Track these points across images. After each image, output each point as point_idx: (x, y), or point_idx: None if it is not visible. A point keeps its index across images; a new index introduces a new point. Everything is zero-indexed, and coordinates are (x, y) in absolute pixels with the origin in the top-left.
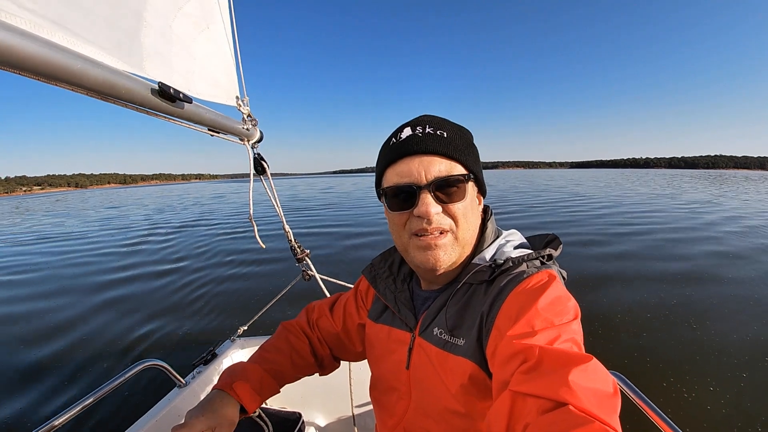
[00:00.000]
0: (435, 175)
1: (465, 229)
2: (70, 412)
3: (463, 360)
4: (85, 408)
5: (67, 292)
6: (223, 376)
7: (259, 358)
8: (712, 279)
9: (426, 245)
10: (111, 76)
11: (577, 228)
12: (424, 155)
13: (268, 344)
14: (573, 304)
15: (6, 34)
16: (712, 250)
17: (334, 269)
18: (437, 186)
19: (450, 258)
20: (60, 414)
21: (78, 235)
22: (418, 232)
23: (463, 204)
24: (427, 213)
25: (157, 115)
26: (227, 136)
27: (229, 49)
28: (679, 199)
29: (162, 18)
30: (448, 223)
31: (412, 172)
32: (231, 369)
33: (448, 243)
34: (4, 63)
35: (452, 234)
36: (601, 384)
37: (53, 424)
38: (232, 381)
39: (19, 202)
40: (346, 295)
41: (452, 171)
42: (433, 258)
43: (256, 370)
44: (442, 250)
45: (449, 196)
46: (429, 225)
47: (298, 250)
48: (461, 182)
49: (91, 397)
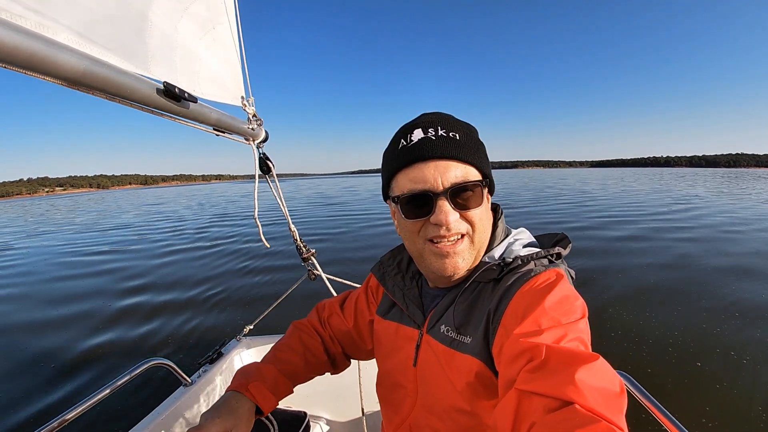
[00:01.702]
0: (452, 182)
1: (481, 233)
2: (77, 408)
3: (470, 358)
4: (92, 405)
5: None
6: (236, 377)
7: (272, 358)
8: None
9: (444, 253)
10: (116, 75)
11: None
12: (439, 160)
13: (281, 344)
14: (580, 303)
15: (11, 33)
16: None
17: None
18: (454, 192)
19: (467, 263)
20: (68, 411)
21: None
22: (434, 239)
23: (480, 209)
24: (446, 222)
25: (162, 115)
26: (232, 136)
27: (235, 49)
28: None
29: (167, 19)
30: (465, 228)
31: (427, 179)
32: (245, 370)
33: (465, 249)
34: (10, 62)
35: (468, 238)
36: (608, 383)
37: (64, 419)
38: (247, 382)
39: (52, 203)
40: (356, 292)
41: (468, 176)
42: (452, 266)
43: (271, 371)
44: (460, 257)
45: (466, 201)
46: (447, 232)
47: (303, 250)
48: (477, 187)
49: (98, 395)
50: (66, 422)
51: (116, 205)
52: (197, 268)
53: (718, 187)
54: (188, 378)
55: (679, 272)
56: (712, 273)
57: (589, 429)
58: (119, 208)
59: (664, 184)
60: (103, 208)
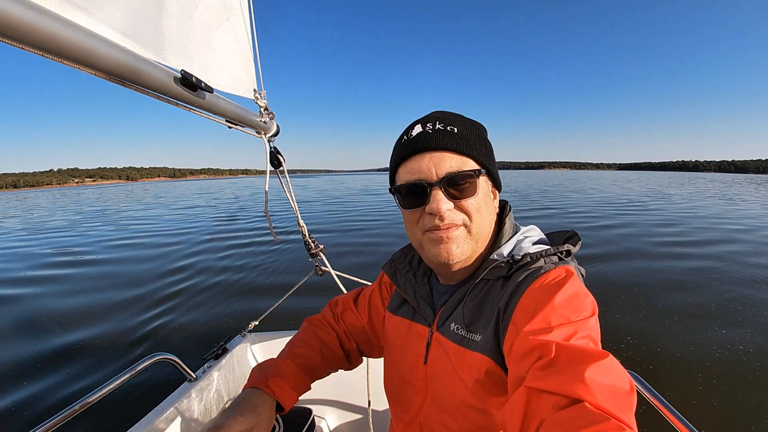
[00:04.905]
0: (446, 171)
1: (479, 224)
2: (82, 402)
3: (480, 356)
4: (96, 400)
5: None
6: (253, 373)
7: (289, 353)
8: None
9: (438, 238)
10: (135, 62)
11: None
12: (434, 152)
13: (296, 339)
14: (590, 301)
15: (34, 13)
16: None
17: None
18: (448, 182)
19: (463, 251)
20: (73, 404)
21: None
22: (430, 229)
23: (476, 199)
24: (438, 210)
25: (177, 104)
26: (245, 129)
27: (248, 41)
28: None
29: (183, 8)
30: (461, 218)
31: (422, 169)
32: (262, 366)
33: (460, 236)
34: (30, 43)
35: (465, 228)
36: (617, 381)
37: (69, 413)
38: (266, 378)
39: (77, 193)
40: (370, 288)
41: (463, 167)
42: (446, 251)
43: (289, 366)
44: (455, 243)
45: (461, 191)
46: (441, 222)
47: (312, 245)
48: (472, 177)
49: (103, 389)
50: (71, 416)
51: (142, 195)
52: (203, 262)
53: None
54: (193, 373)
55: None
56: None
57: (598, 427)
58: (139, 201)
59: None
60: (118, 204)
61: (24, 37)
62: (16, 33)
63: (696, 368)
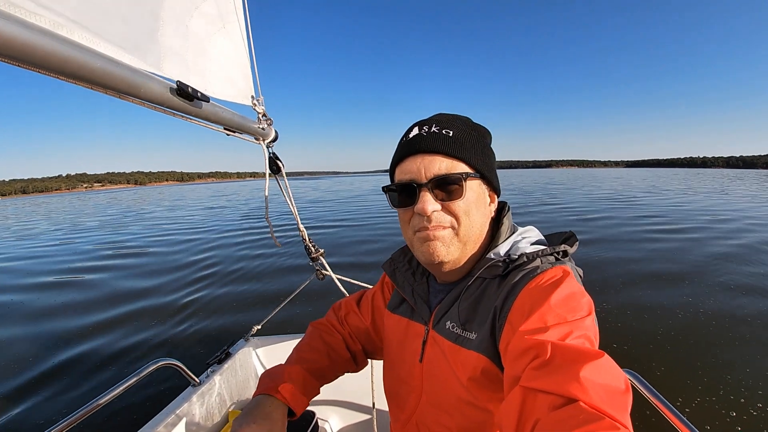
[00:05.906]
0: (434, 173)
1: (467, 227)
2: (85, 408)
3: (475, 354)
4: (101, 405)
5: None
6: (263, 380)
7: (297, 358)
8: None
9: (425, 237)
10: (130, 74)
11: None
12: (426, 154)
13: (303, 344)
14: (587, 300)
15: (27, 31)
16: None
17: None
18: (436, 184)
19: (449, 252)
20: (78, 410)
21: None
22: (419, 229)
23: (464, 202)
24: (423, 210)
25: (175, 114)
26: (243, 136)
27: (244, 48)
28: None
29: (179, 17)
30: (448, 220)
31: (413, 170)
32: (270, 373)
33: (447, 236)
34: (24, 61)
35: (453, 230)
36: (613, 380)
37: (74, 418)
38: (276, 384)
39: (88, 197)
40: (372, 290)
41: (453, 169)
42: (432, 249)
43: (298, 371)
44: (441, 242)
45: (449, 194)
46: (429, 223)
47: (312, 250)
48: (461, 180)
49: (107, 395)
50: (76, 421)
51: (149, 200)
52: (205, 266)
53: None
54: (196, 378)
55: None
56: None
57: (593, 426)
58: (142, 208)
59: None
60: (123, 207)
61: (19, 55)
62: (11, 51)
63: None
